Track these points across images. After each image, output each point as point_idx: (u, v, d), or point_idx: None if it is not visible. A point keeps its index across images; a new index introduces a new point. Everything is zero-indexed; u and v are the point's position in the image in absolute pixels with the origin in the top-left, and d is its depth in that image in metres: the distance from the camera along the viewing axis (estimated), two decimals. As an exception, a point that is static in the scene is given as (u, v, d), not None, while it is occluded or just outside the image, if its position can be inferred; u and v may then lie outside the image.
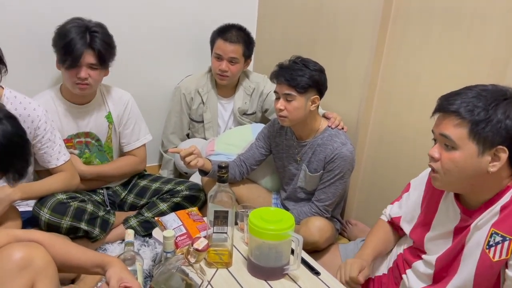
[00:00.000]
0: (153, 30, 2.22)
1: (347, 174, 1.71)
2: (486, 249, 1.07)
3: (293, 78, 1.60)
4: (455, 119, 1.06)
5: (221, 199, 1.31)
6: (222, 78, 2.14)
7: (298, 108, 1.63)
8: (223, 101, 2.27)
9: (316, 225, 1.65)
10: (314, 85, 1.62)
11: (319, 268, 1.42)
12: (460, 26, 1.55)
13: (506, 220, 1.05)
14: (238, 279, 1.34)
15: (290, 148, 1.82)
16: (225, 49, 2.08)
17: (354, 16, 1.94)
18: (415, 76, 1.73)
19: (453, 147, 1.06)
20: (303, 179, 1.79)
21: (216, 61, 2.12)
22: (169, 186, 1.92)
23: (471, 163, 1.05)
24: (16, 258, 1.00)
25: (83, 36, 1.63)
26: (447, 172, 1.09)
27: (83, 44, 1.62)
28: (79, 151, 1.84)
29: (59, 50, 1.65)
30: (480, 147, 1.04)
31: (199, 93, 2.21)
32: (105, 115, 1.84)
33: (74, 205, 1.65)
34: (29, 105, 1.55)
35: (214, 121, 2.26)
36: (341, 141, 1.68)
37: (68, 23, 1.67)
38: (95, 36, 1.65)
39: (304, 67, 1.61)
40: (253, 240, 1.32)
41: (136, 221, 1.84)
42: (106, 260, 1.13)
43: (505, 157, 1.03)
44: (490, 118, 1.02)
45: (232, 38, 2.08)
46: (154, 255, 1.71)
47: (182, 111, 2.26)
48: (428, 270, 1.24)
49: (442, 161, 1.09)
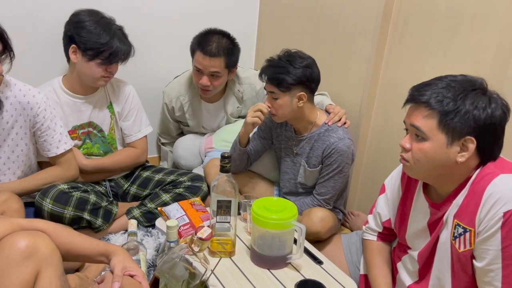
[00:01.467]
0: (156, 22, 2.21)
1: (346, 167, 1.71)
2: (453, 241, 1.09)
3: (275, 77, 1.59)
4: (425, 110, 1.06)
5: (224, 189, 1.31)
6: (204, 92, 1.98)
7: (283, 106, 1.63)
8: (209, 107, 2.13)
9: (318, 215, 1.66)
10: (298, 83, 1.60)
11: (322, 257, 1.43)
12: (462, 23, 1.54)
13: (465, 210, 1.06)
14: (241, 268, 1.35)
15: (289, 140, 1.82)
16: (205, 63, 1.88)
17: (357, 7, 1.92)
18: (417, 68, 1.72)
19: (423, 137, 1.07)
20: (303, 175, 1.79)
21: (196, 74, 1.94)
22: (171, 177, 1.93)
23: (440, 153, 1.06)
24: (21, 246, 0.99)
25: (115, 33, 1.68)
26: (417, 162, 1.10)
27: (120, 42, 1.68)
28: (82, 141, 1.84)
29: (92, 47, 1.64)
30: (449, 138, 1.04)
31: (180, 102, 2.11)
32: (107, 105, 1.84)
33: (76, 195, 1.65)
34: (29, 92, 1.55)
35: (198, 127, 2.18)
36: (338, 136, 1.67)
37: (90, 19, 1.67)
38: (122, 33, 1.72)
39: (288, 65, 1.58)
40: (256, 230, 1.33)
41: (139, 212, 1.85)
42: (110, 249, 1.13)
43: (473, 147, 1.04)
44: (459, 109, 1.03)
45: (212, 51, 1.85)
46: (157, 245, 1.72)
47: (166, 118, 2.21)
48: (414, 266, 1.25)
49: (412, 151, 1.10)
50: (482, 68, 1.49)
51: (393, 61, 1.82)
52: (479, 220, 1.03)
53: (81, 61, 1.67)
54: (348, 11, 1.97)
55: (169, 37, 2.28)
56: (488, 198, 1.01)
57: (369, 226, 1.42)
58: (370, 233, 1.42)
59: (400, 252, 1.33)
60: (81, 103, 1.78)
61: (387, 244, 1.41)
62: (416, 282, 1.25)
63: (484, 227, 1.01)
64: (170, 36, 2.28)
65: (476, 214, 1.03)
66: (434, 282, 1.18)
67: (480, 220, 1.02)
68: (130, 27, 1.76)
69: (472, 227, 1.04)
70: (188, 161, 2.17)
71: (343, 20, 2.00)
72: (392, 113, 1.87)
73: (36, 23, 1.92)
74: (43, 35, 1.94)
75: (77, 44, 1.66)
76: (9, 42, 1.40)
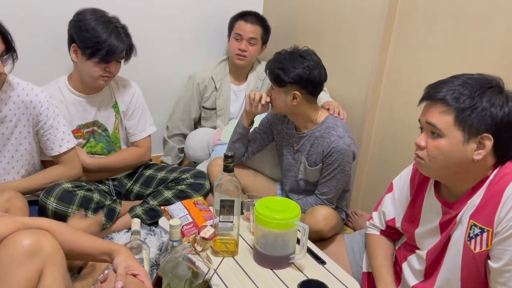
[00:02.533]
0: (164, 19, 2.23)
1: (347, 166, 1.71)
2: (468, 241, 1.08)
3: (272, 70, 1.64)
4: (441, 106, 1.06)
5: (227, 188, 1.31)
6: (240, 58, 2.21)
7: (277, 100, 1.69)
8: (235, 89, 2.32)
9: (321, 213, 1.66)
10: (293, 82, 1.61)
11: (325, 257, 1.43)
12: (466, 21, 1.54)
13: (482, 211, 1.05)
14: (244, 268, 1.35)
15: (290, 137, 1.82)
16: (246, 29, 2.18)
17: (360, 9, 1.92)
18: (421, 69, 1.72)
19: (439, 134, 1.06)
20: (303, 172, 1.80)
21: (235, 41, 2.21)
22: (174, 174, 1.93)
23: (457, 150, 1.05)
24: (25, 245, 1.00)
25: (112, 31, 1.65)
26: (432, 159, 1.08)
27: (117, 40, 1.65)
28: (86, 140, 1.84)
29: (89, 45, 1.63)
30: (466, 135, 1.04)
31: (213, 80, 2.26)
32: (112, 105, 1.85)
33: (80, 193, 1.66)
34: (31, 91, 1.55)
35: (226, 108, 2.31)
36: (338, 134, 1.67)
37: (90, 17, 1.65)
38: (122, 32, 1.69)
39: (287, 63, 1.61)
40: (259, 229, 1.33)
41: (142, 210, 1.85)
42: (113, 248, 1.14)
43: (490, 144, 1.03)
44: (476, 106, 1.02)
45: (252, 20, 2.20)
46: (160, 244, 1.72)
47: (192, 99, 2.31)
48: (421, 266, 1.25)
49: (428, 148, 1.09)
50: (486, 66, 1.48)
51: (397, 59, 1.81)
52: (498, 220, 1.02)
53: (81, 60, 1.67)
54: (353, 9, 1.97)
55: (173, 35, 2.29)
56: (508, 198, 1.00)
57: (373, 222, 1.43)
58: (373, 228, 1.43)
59: (406, 252, 1.33)
60: (86, 102, 1.79)
61: (389, 240, 1.41)
62: (422, 282, 1.24)
63: (503, 227, 1.01)
64: (174, 35, 2.29)
65: (495, 214, 1.02)
66: (442, 281, 1.17)
67: (499, 220, 1.02)
68: (134, 27, 1.76)
69: (490, 227, 1.03)
70: (196, 152, 2.25)
71: (347, 18, 2.00)
72: (396, 111, 1.86)
73: (41, 22, 1.92)
74: (48, 34, 1.95)
75: (76, 43, 1.66)
76: (12, 43, 1.40)
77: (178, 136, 2.38)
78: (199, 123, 2.39)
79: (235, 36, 2.20)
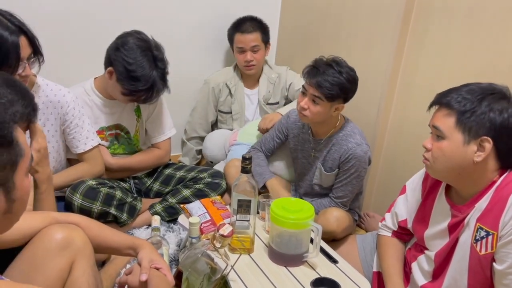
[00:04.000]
0: (184, 27, 2.30)
1: (363, 172, 1.74)
2: (474, 244, 1.12)
3: (325, 86, 1.57)
4: (445, 110, 1.13)
5: (244, 189, 1.37)
6: (249, 68, 2.25)
7: (321, 113, 1.64)
8: (248, 93, 2.36)
9: (334, 215, 1.70)
10: (343, 95, 1.62)
11: (337, 256, 1.47)
12: (482, 24, 1.55)
13: (489, 214, 1.09)
14: (260, 265, 1.40)
15: (306, 143, 1.84)
16: (245, 40, 2.20)
17: (376, 12, 1.95)
18: (435, 72, 1.74)
19: (441, 136, 1.13)
20: (319, 177, 1.82)
21: (240, 54, 2.24)
22: (192, 174, 1.99)
23: (458, 152, 1.11)
24: (57, 238, 1.06)
25: (154, 81, 1.67)
26: (436, 160, 1.15)
27: (157, 89, 1.69)
28: (110, 142, 1.92)
29: (125, 86, 1.67)
30: (466, 136, 1.09)
31: (227, 86, 2.31)
32: (134, 108, 1.91)
33: (104, 190, 1.73)
34: (59, 91, 1.62)
35: (241, 111, 2.35)
36: (356, 141, 1.69)
37: (135, 56, 1.64)
38: (162, 66, 1.71)
39: (338, 75, 1.58)
40: (274, 228, 1.38)
41: (161, 207, 1.92)
42: (137, 243, 1.19)
43: (489, 147, 1.07)
44: (475, 109, 1.07)
45: (248, 29, 2.21)
46: (178, 240, 1.77)
47: (208, 103, 2.35)
48: (429, 266, 1.28)
49: (432, 150, 1.16)
50: (500, 71, 1.50)
51: (412, 62, 1.83)
52: (503, 223, 1.05)
53: (114, 83, 1.71)
54: (369, 13, 1.99)
55: (191, 42, 2.35)
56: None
57: (385, 223, 1.47)
58: (385, 229, 1.47)
59: (416, 252, 1.36)
60: (111, 105, 1.85)
61: (401, 241, 1.45)
62: (430, 282, 1.28)
63: (507, 231, 1.04)
64: (192, 41, 2.36)
65: (500, 218, 1.06)
66: (449, 282, 1.21)
67: (504, 224, 1.05)
68: (155, 33, 1.79)
69: (495, 231, 1.07)
70: (213, 152, 2.31)
71: (363, 21, 2.02)
72: (409, 115, 1.89)
73: (64, 25, 2.00)
74: (74, 38, 2.03)
75: (115, 71, 1.67)
76: (39, 48, 1.45)
77: (196, 138, 2.43)
78: (216, 125, 2.44)
79: (237, 50, 2.24)
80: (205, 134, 2.41)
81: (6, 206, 0.74)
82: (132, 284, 1.08)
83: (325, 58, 1.65)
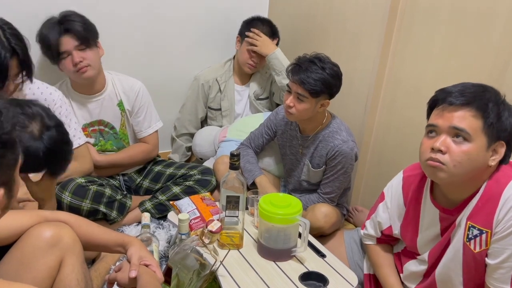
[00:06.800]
0: (174, 22, 2.28)
1: (350, 168, 1.76)
2: (467, 242, 1.12)
3: (309, 81, 1.59)
4: (469, 112, 1.06)
5: (232, 185, 1.38)
6: (251, 68, 2.25)
7: (307, 109, 1.65)
8: (239, 89, 2.36)
9: (322, 211, 1.72)
10: (327, 90, 1.63)
11: (325, 251, 1.49)
12: (466, 22, 1.58)
13: (480, 212, 1.09)
14: (249, 260, 1.42)
15: (294, 139, 1.86)
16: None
17: (363, 10, 1.97)
18: (421, 70, 1.76)
19: (466, 139, 1.06)
20: (306, 173, 1.84)
21: (247, 53, 2.22)
22: (182, 171, 2.00)
23: (481, 155, 1.07)
24: (46, 236, 1.07)
25: (54, 27, 1.70)
26: (458, 164, 1.06)
27: (58, 33, 1.69)
28: (95, 139, 1.92)
29: (45, 52, 1.73)
30: (489, 141, 1.06)
31: (217, 82, 2.30)
32: (116, 103, 1.91)
33: (93, 188, 1.73)
34: (46, 89, 1.62)
35: (231, 108, 2.35)
36: (342, 138, 1.71)
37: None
38: (66, 23, 1.71)
39: (321, 71, 1.59)
40: (263, 224, 1.40)
41: (151, 204, 1.93)
42: (126, 240, 1.20)
43: (503, 151, 1.08)
44: (501, 114, 1.06)
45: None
46: (168, 237, 1.79)
47: (198, 100, 2.34)
48: (422, 267, 1.28)
49: (452, 153, 1.06)
50: (484, 69, 1.52)
51: (398, 60, 1.85)
52: (497, 221, 1.06)
53: (59, 66, 1.77)
54: (355, 11, 2.01)
55: (182, 37, 2.34)
56: (506, 200, 1.05)
57: (367, 232, 1.44)
58: (369, 239, 1.46)
59: (405, 258, 1.36)
60: (90, 102, 1.86)
61: (387, 245, 1.45)
62: (421, 282, 1.29)
63: (501, 228, 1.05)
64: (183, 37, 2.34)
65: (493, 216, 1.06)
66: (442, 277, 1.21)
67: (498, 221, 1.06)
68: (146, 29, 1.80)
69: (489, 229, 1.07)
70: (203, 148, 2.31)
71: (350, 20, 2.04)
72: (396, 111, 1.91)
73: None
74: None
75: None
76: (30, 68, 1.47)
77: (186, 135, 2.43)
78: (206, 122, 2.45)
79: (247, 48, 2.20)
80: (195, 130, 2.41)
81: (6, 202, 0.77)
82: (121, 281, 1.09)
83: (308, 55, 1.66)
